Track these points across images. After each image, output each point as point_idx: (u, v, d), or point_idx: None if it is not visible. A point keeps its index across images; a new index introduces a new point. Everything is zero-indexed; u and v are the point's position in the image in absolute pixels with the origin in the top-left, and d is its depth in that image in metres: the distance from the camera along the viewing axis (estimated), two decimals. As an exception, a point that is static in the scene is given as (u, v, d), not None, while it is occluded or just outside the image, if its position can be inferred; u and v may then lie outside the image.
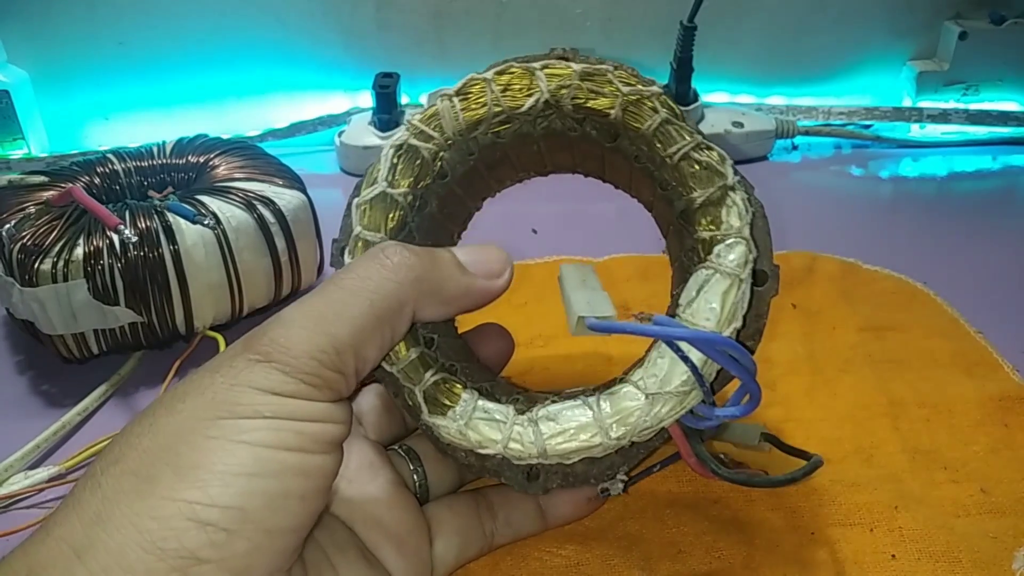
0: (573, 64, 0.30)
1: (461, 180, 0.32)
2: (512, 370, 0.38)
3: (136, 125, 0.67)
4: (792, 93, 0.69)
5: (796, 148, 0.66)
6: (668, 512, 0.33)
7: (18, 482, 0.36)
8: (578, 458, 0.27)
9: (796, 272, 0.48)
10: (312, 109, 0.67)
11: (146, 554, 0.20)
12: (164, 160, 0.48)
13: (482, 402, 0.28)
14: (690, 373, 0.26)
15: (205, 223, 0.40)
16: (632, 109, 0.29)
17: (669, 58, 0.61)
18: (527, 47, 0.33)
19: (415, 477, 0.31)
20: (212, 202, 0.42)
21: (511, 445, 0.27)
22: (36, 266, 0.38)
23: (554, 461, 0.27)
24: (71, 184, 0.44)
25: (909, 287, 0.47)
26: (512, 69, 0.30)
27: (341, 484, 0.28)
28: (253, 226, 0.42)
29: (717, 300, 0.27)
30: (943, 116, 0.66)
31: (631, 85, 0.29)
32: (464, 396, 0.28)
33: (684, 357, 0.26)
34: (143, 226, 0.40)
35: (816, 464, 0.28)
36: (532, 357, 0.42)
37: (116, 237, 0.39)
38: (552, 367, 0.41)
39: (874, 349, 0.42)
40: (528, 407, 0.28)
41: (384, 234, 0.29)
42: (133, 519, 0.20)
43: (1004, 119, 0.66)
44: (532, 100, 0.30)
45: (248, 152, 0.48)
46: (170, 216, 0.40)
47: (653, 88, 0.29)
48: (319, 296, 0.25)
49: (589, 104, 0.29)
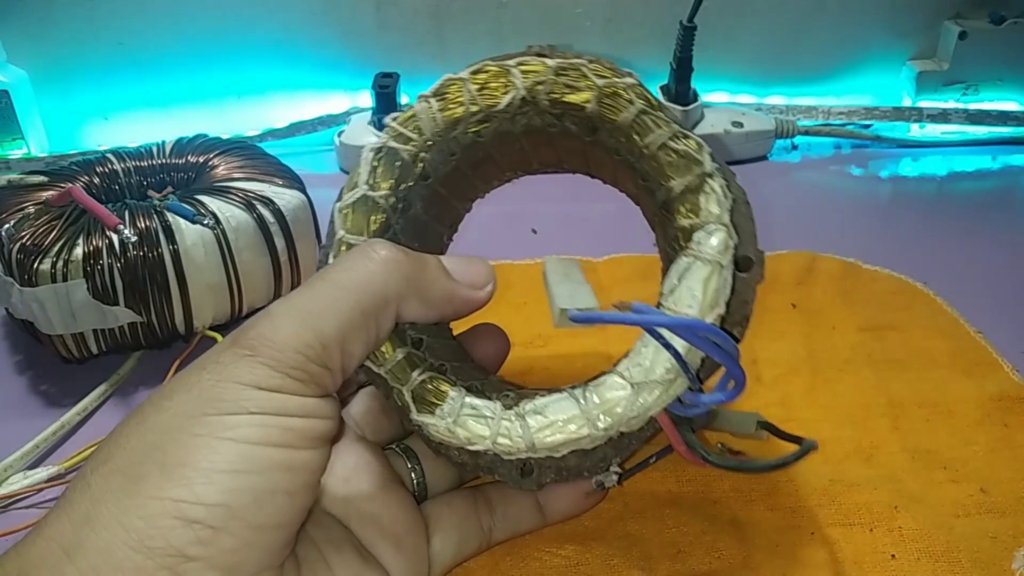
0: (548, 60, 0.30)
1: (445, 181, 0.32)
2: (512, 370, 0.38)
3: (136, 125, 0.67)
4: (792, 93, 0.69)
5: (796, 148, 0.66)
6: (668, 512, 0.33)
7: (17, 482, 0.36)
8: (567, 450, 0.27)
9: (796, 272, 0.47)
10: (312, 109, 0.67)
11: (134, 553, 0.20)
12: (164, 160, 0.48)
13: (469, 399, 0.28)
14: (674, 361, 0.26)
15: (205, 223, 0.40)
16: (608, 101, 0.29)
17: (669, 58, 0.61)
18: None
19: (413, 476, 0.31)
20: (212, 202, 0.42)
21: (499, 440, 0.27)
22: (35, 266, 0.38)
23: (543, 454, 0.27)
24: (70, 184, 0.44)
25: (909, 287, 0.47)
26: (488, 68, 0.30)
27: (337, 483, 0.28)
28: (253, 226, 0.42)
29: (698, 287, 0.27)
30: (943, 116, 0.66)
31: (606, 78, 0.29)
32: (451, 394, 0.28)
33: (667, 344, 0.26)
34: (143, 226, 0.40)
35: (809, 447, 0.28)
36: (532, 357, 0.42)
37: (116, 237, 0.39)
38: (552, 367, 0.41)
39: (874, 349, 0.42)
40: (516, 402, 0.28)
41: (367, 237, 0.29)
42: (120, 518, 0.21)
43: (1004, 119, 0.66)
44: (508, 97, 0.30)
45: (248, 152, 0.48)
46: (170, 216, 0.40)
47: (628, 80, 0.29)
48: (306, 290, 0.25)
49: (565, 99, 0.29)
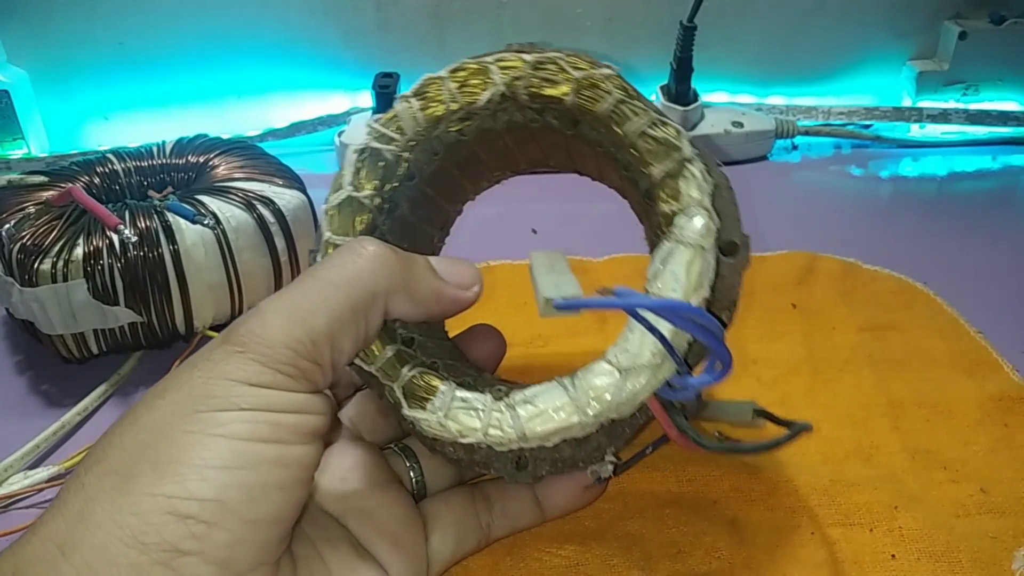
0: (526, 56, 0.30)
1: (431, 181, 0.32)
2: (512, 370, 0.38)
3: (136, 125, 0.67)
4: (792, 93, 0.69)
5: (796, 148, 0.66)
6: (668, 512, 0.33)
7: (18, 482, 0.36)
8: (558, 439, 0.27)
9: (796, 272, 0.47)
10: (312, 109, 0.67)
11: (128, 549, 0.21)
12: (164, 160, 0.48)
13: (460, 392, 0.28)
14: (660, 345, 0.26)
15: (205, 223, 0.40)
16: (586, 93, 0.29)
17: (669, 58, 0.61)
18: (527, 47, 0.33)
19: (412, 474, 0.31)
20: (212, 202, 0.42)
21: (491, 432, 0.27)
22: (36, 266, 0.38)
23: (535, 444, 0.27)
24: (71, 184, 0.44)
25: (909, 287, 0.47)
26: (467, 66, 0.31)
27: (334, 482, 0.29)
28: (253, 226, 0.42)
29: (682, 270, 0.27)
30: (943, 116, 0.66)
31: (583, 70, 0.29)
32: (441, 388, 0.28)
33: (652, 328, 0.26)
34: (143, 226, 0.40)
35: (801, 428, 0.28)
36: (532, 356, 0.42)
37: (116, 237, 0.39)
38: (552, 367, 0.41)
39: (874, 349, 0.42)
40: (506, 394, 0.28)
41: (353, 237, 0.29)
42: (114, 515, 0.21)
43: (1004, 119, 0.66)
44: (488, 94, 0.30)
45: (248, 152, 0.48)
46: (170, 216, 0.40)
47: (605, 70, 0.29)
48: (295, 288, 0.25)
49: (544, 92, 0.30)
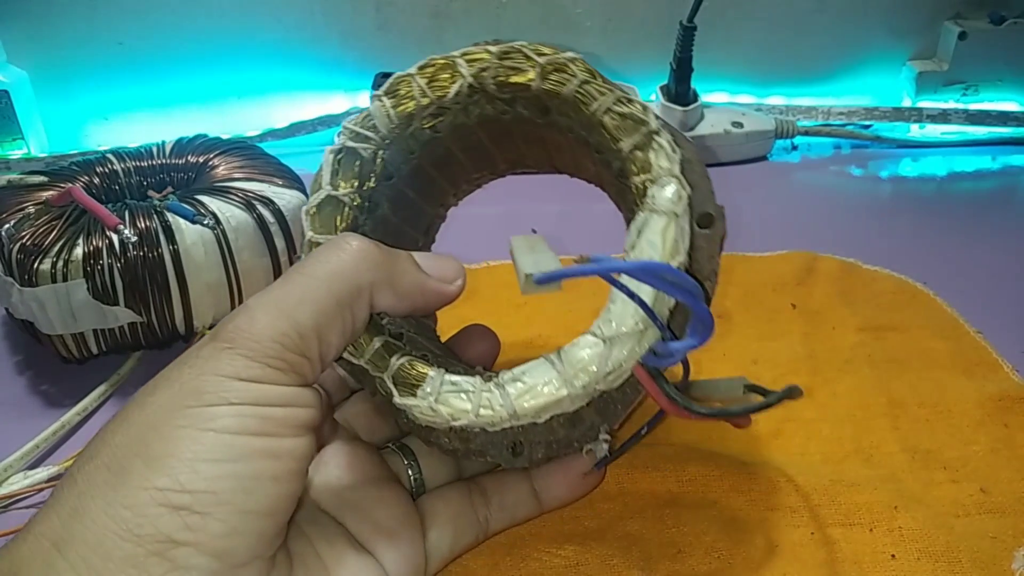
0: (491, 48, 0.31)
1: (409, 182, 0.33)
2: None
3: (136, 125, 0.67)
4: (792, 93, 0.69)
5: (796, 148, 0.66)
6: (668, 512, 0.33)
7: (18, 482, 0.36)
8: (549, 414, 0.27)
9: (796, 272, 0.48)
10: (312, 109, 0.67)
11: (123, 541, 0.21)
12: (164, 160, 0.48)
13: (449, 376, 0.28)
14: (641, 311, 0.26)
15: (204, 223, 0.40)
16: (552, 77, 0.30)
17: (669, 58, 0.61)
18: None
19: (410, 472, 0.31)
20: (212, 202, 0.42)
21: (482, 412, 0.27)
22: (35, 266, 0.38)
23: (527, 421, 0.27)
24: (71, 184, 0.44)
25: (909, 287, 0.47)
26: (434, 61, 0.31)
27: (331, 480, 0.29)
28: (252, 226, 0.42)
29: (657, 238, 0.27)
30: (943, 116, 0.66)
31: (547, 55, 0.30)
32: (431, 374, 0.28)
33: (631, 294, 0.26)
34: (143, 226, 0.40)
35: (791, 391, 0.28)
36: (532, 356, 0.42)
37: (116, 237, 0.39)
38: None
39: (874, 349, 0.42)
40: (496, 376, 0.28)
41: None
42: (107, 510, 0.21)
43: (1004, 119, 0.66)
44: (456, 86, 0.31)
45: (248, 152, 0.48)
46: (169, 216, 0.40)
47: (569, 54, 0.30)
48: (281, 283, 0.25)
49: (511, 80, 0.30)
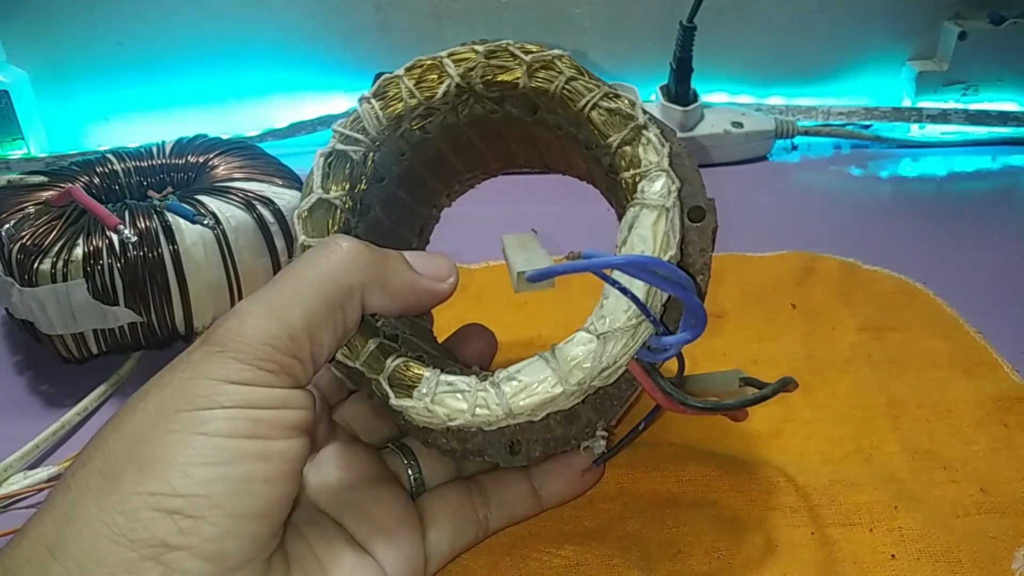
0: (478, 47, 0.31)
1: (401, 183, 0.33)
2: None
3: (136, 125, 0.67)
4: (792, 93, 0.69)
5: (796, 148, 0.66)
6: (668, 512, 0.33)
7: (17, 482, 0.36)
8: (545, 412, 0.27)
9: (796, 272, 0.48)
10: (312, 109, 0.67)
11: (117, 546, 0.21)
12: (164, 160, 0.48)
13: (445, 376, 0.28)
14: (634, 306, 0.26)
15: (204, 223, 0.40)
16: (539, 74, 0.30)
17: (669, 58, 0.61)
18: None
19: (409, 472, 0.31)
20: (211, 202, 0.42)
21: (478, 411, 0.27)
22: (35, 266, 0.38)
23: (523, 419, 0.27)
24: (71, 184, 0.44)
25: (909, 287, 0.47)
26: (421, 62, 0.31)
27: (329, 481, 0.29)
28: (252, 226, 0.42)
29: (648, 232, 0.27)
30: (943, 116, 0.66)
31: (533, 53, 0.30)
32: (426, 374, 0.28)
33: (623, 289, 0.26)
34: (143, 226, 0.40)
35: (786, 382, 0.28)
36: (532, 355, 0.42)
37: (116, 237, 0.39)
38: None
39: (874, 349, 0.42)
40: (491, 375, 0.28)
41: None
42: (100, 514, 0.21)
43: (1004, 119, 0.66)
44: (444, 86, 0.31)
45: (248, 152, 0.48)
46: (169, 216, 0.40)
47: (555, 51, 0.30)
48: (271, 285, 0.26)
49: (498, 79, 0.30)
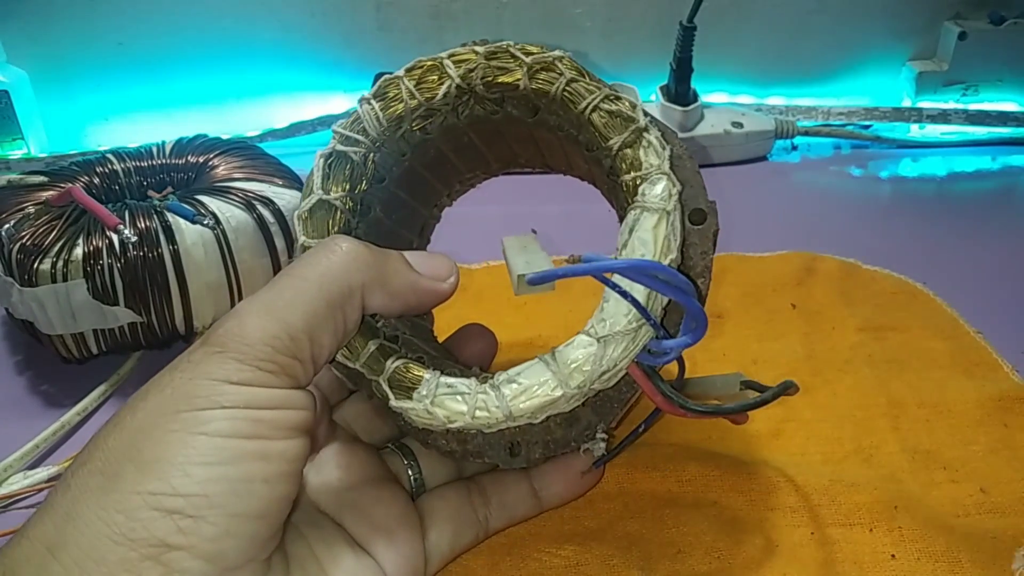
0: (478, 48, 0.31)
1: (401, 183, 0.33)
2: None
3: (136, 125, 0.67)
4: (792, 93, 0.69)
5: (796, 148, 0.66)
6: (668, 512, 0.33)
7: (17, 482, 0.36)
8: (544, 415, 0.27)
9: (796, 272, 0.48)
10: (312, 109, 0.67)
11: (117, 545, 0.21)
12: (164, 160, 0.48)
13: (444, 378, 0.28)
14: (634, 309, 0.27)
15: (204, 223, 0.40)
16: (539, 76, 0.30)
17: (669, 58, 0.61)
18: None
19: (410, 472, 0.31)
20: (212, 202, 0.42)
21: (478, 414, 0.27)
22: (35, 266, 0.38)
23: (523, 422, 0.27)
24: (71, 184, 0.44)
25: (909, 287, 0.47)
26: (421, 63, 0.31)
27: (330, 481, 0.29)
28: (252, 226, 0.42)
29: (648, 235, 0.27)
30: (943, 116, 0.66)
31: (534, 54, 0.30)
32: (426, 376, 0.28)
33: (624, 293, 0.26)
34: (143, 226, 0.40)
35: (787, 386, 0.28)
36: (532, 357, 0.42)
37: (116, 237, 0.39)
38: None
39: (874, 349, 0.42)
40: (491, 377, 0.28)
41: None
42: (100, 514, 0.21)
43: (1003, 119, 0.66)
44: (445, 87, 0.31)
45: (247, 152, 0.48)
46: (169, 216, 0.40)
47: (556, 52, 0.30)
48: (271, 286, 0.26)
49: (499, 80, 0.30)
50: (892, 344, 0.42)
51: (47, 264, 0.38)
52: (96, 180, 0.46)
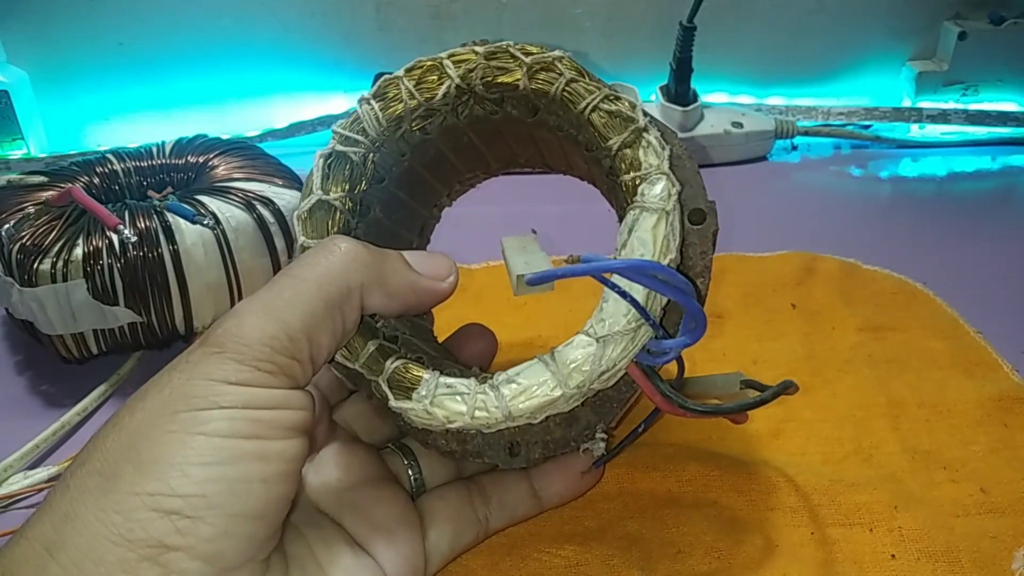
0: (478, 48, 0.31)
1: (401, 184, 0.33)
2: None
3: (136, 125, 0.67)
4: (792, 93, 0.69)
5: (796, 148, 0.66)
6: (668, 512, 0.33)
7: (17, 482, 0.36)
8: (544, 415, 0.27)
9: (796, 272, 0.48)
10: (312, 109, 0.67)
11: (115, 546, 0.21)
12: (164, 160, 0.48)
13: (444, 379, 0.28)
14: (634, 309, 0.27)
15: (204, 223, 0.40)
16: (539, 76, 0.30)
17: (669, 58, 0.61)
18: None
19: (410, 472, 0.31)
20: (211, 202, 0.42)
21: (477, 414, 0.27)
22: (35, 266, 0.38)
23: (522, 422, 0.27)
24: (70, 184, 0.44)
25: (909, 287, 0.47)
26: (421, 63, 0.31)
27: (330, 481, 0.29)
28: (252, 226, 0.42)
29: (647, 235, 0.27)
30: (942, 116, 0.66)
31: (533, 54, 0.30)
32: (425, 376, 0.28)
33: (623, 293, 0.26)
34: (143, 226, 0.40)
35: (786, 386, 0.28)
36: (532, 357, 0.42)
37: (115, 237, 0.39)
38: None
39: (874, 349, 0.42)
40: (491, 378, 0.28)
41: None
42: (98, 514, 0.21)
43: (1003, 119, 0.66)
44: (444, 87, 0.31)
45: (247, 152, 0.48)
46: (169, 216, 0.40)
47: (556, 52, 0.30)
48: (270, 286, 0.26)
49: (498, 80, 0.30)
50: (892, 344, 0.42)
51: (47, 264, 0.38)
52: (96, 180, 0.46)
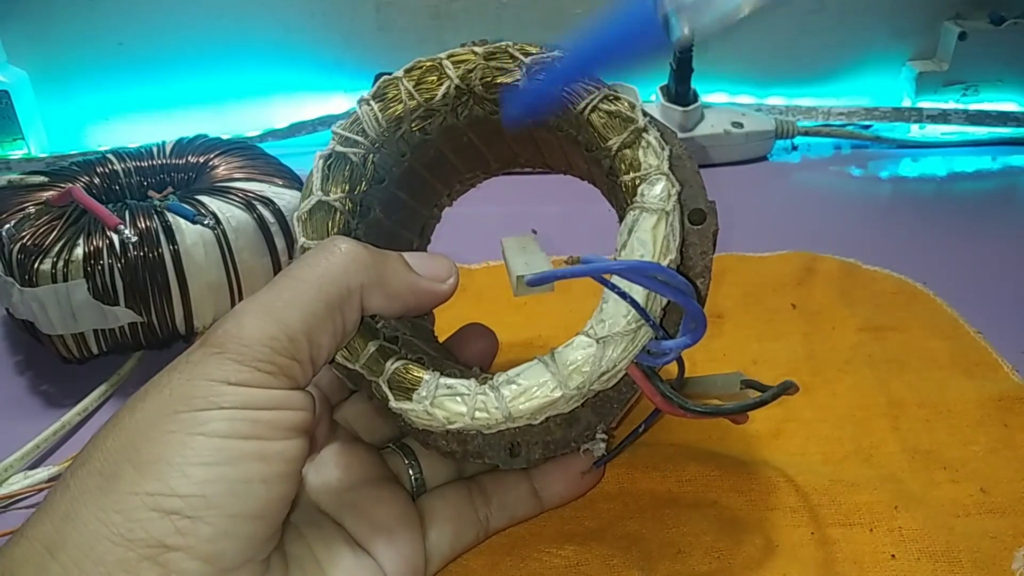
0: (477, 48, 0.31)
1: (401, 184, 0.33)
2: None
3: (136, 125, 0.67)
4: (792, 93, 0.69)
5: (796, 148, 0.66)
6: (668, 512, 0.33)
7: (18, 482, 0.36)
8: (544, 415, 0.28)
9: (796, 272, 0.48)
10: (312, 109, 0.67)
11: (115, 546, 0.21)
12: (164, 160, 0.48)
13: (444, 379, 0.28)
14: (633, 310, 0.27)
15: (205, 223, 0.40)
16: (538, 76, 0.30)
17: (669, 58, 0.61)
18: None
19: (411, 472, 0.31)
20: (212, 202, 0.42)
21: (477, 415, 0.27)
22: (36, 266, 0.38)
23: (522, 423, 0.27)
24: (71, 184, 0.44)
25: (909, 287, 0.47)
26: (421, 64, 0.31)
27: (330, 481, 0.29)
28: (253, 226, 0.42)
29: (647, 236, 0.27)
30: (943, 116, 0.66)
31: (532, 55, 0.30)
32: (426, 377, 0.28)
33: (623, 294, 0.26)
34: (143, 226, 0.40)
35: (787, 386, 0.28)
36: (532, 357, 0.42)
37: (116, 237, 0.39)
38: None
39: (874, 349, 0.42)
40: (491, 378, 0.28)
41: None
42: (99, 514, 0.21)
43: (1004, 119, 0.66)
44: (444, 88, 0.31)
45: (248, 152, 0.48)
46: (170, 216, 0.40)
47: (555, 53, 0.30)
48: (270, 287, 0.26)
49: (497, 80, 0.30)
50: (892, 344, 0.42)
51: (47, 264, 0.38)
52: (96, 180, 0.46)
